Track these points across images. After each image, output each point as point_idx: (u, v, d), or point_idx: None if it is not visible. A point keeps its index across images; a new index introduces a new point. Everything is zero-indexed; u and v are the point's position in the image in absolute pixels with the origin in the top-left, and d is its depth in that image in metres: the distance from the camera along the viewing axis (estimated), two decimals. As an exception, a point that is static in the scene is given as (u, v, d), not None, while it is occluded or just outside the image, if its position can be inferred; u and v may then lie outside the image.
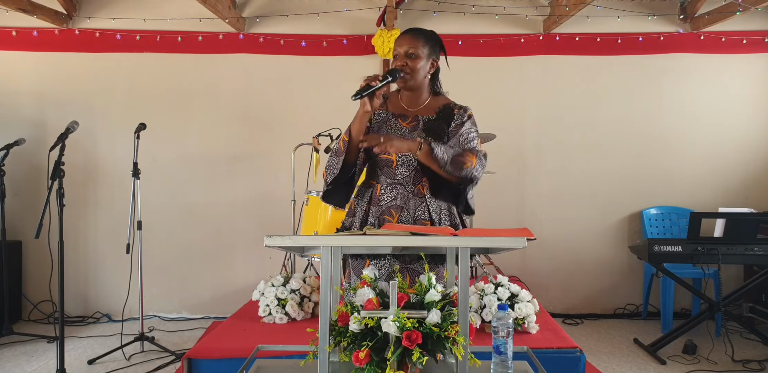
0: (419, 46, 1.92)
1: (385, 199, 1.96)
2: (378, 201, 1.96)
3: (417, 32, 1.98)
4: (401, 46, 1.93)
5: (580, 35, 4.39)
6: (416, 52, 1.92)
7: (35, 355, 3.48)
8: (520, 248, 1.39)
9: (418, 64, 1.92)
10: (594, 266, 4.48)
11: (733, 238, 3.37)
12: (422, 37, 1.95)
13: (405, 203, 1.94)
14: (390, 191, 1.96)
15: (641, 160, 4.44)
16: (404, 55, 1.92)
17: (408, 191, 1.95)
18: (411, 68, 1.92)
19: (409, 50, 1.92)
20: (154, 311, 4.41)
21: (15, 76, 4.38)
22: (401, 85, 1.97)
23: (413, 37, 1.95)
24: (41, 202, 2.88)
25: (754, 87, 4.42)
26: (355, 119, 1.91)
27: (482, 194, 4.21)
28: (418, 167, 1.94)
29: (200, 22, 4.27)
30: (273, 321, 3.13)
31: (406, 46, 1.92)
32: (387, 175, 1.97)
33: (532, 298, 2.96)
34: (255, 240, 4.38)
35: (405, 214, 1.93)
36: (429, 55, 1.95)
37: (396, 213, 1.93)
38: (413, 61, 1.92)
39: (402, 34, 1.98)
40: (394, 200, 1.95)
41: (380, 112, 2.02)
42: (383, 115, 2.01)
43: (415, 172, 1.95)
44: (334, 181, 1.97)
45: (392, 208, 1.94)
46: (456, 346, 1.33)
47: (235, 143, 4.42)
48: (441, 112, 1.97)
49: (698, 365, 3.28)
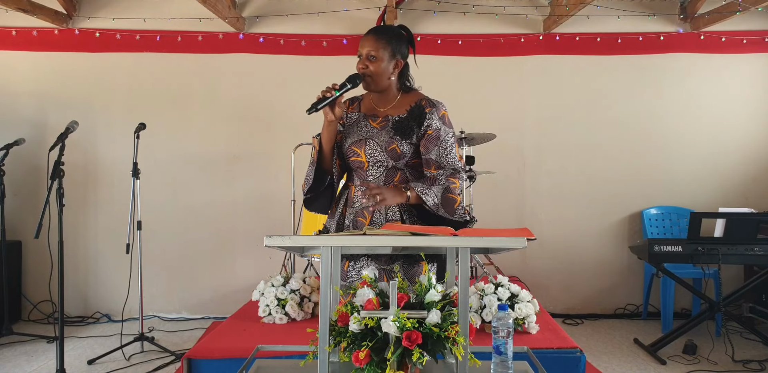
0: (380, 48, 1.89)
1: (359, 200, 1.96)
2: (352, 203, 1.97)
3: (380, 32, 1.93)
4: (363, 47, 1.91)
5: (580, 35, 4.39)
6: (377, 54, 1.88)
7: (35, 355, 3.48)
8: (520, 248, 1.38)
9: (380, 66, 1.89)
10: (594, 266, 4.48)
11: (733, 238, 3.37)
12: (384, 37, 1.91)
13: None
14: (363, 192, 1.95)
15: (641, 160, 4.44)
16: (365, 57, 1.90)
17: None
18: (372, 71, 1.89)
19: (370, 52, 1.89)
20: (154, 311, 4.41)
21: (15, 76, 4.38)
22: (366, 88, 1.96)
23: (375, 37, 1.91)
24: (41, 202, 2.88)
25: (754, 87, 4.42)
26: (322, 129, 1.93)
27: (482, 193, 4.25)
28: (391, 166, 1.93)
29: (200, 21, 4.27)
30: (273, 321, 3.13)
31: (367, 47, 1.90)
32: (360, 177, 1.97)
33: (532, 298, 2.95)
34: (255, 240, 4.38)
35: (377, 215, 1.92)
36: (392, 56, 1.92)
37: (368, 214, 1.92)
38: (374, 64, 1.89)
39: (366, 33, 1.94)
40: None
41: (353, 114, 2.03)
42: (355, 116, 2.02)
43: (387, 172, 1.94)
44: (309, 190, 1.99)
45: (365, 209, 1.93)
46: (456, 346, 1.33)
47: (235, 143, 4.42)
48: (412, 110, 1.93)
49: (698, 366, 3.28)
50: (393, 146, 1.90)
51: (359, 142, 1.94)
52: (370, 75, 1.90)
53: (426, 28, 4.43)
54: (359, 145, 1.94)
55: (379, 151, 1.92)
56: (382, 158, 1.92)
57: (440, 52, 4.40)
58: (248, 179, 4.44)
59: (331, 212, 2.07)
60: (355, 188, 1.98)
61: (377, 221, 1.92)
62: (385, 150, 1.91)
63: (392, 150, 1.90)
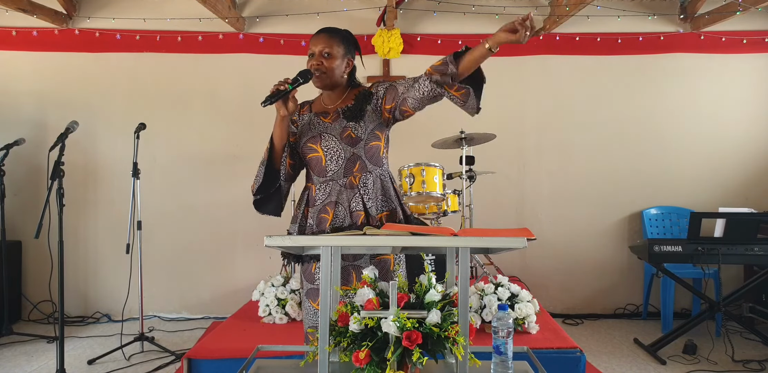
0: (334, 46, 1.93)
1: (320, 198, 1.95)
2: (314, 201, 1.96)
3: (332, 32, 1.97)
4: (316, 45, 1.94)
5: (580, 35, 4.39)
6: (331, 51, 1.93)
7: (35, 355, 3.48)
8: (520, 248, 1.38)
9: (334, 63, 1.93)
10: (594, 266, 4.48)
11: (733, 238, 3.37)
12: (338, 37, 1.96)
13: (339, 197, 1.93)
14: (324, 189, 1.95)
15: (641, 160, 4.44)
16: (319, 54, 1.93)
17: (340, 185, 1.94)
18: (326, 67, 1.92)
19: (324, 49, 1.93)
20: (154, 311, 4.41)
21: (15, 76, 4.38)
22: (318, 84, 1.97)
23: (328, 36, 1.95)
24: (41, 202, 2.88)
25: (754, 87, 4.42)
26: (274, 126, 1.93)
27: (482, 193, 4.25)
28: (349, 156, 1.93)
29: (200, 22, 4.27)
30: (273, 321, 3.13)
31: (321, 45, 1.93)
32: (319, 174, 1.97)
33: (532, 298, 2.95)
34: (255, 240, 4.38)
35: (339, 208, 1.92)
36: (344, 55, 1.97)
37: (331, 209, 1.92)
38: (328, 61, 1.93)
39: (317, 33, 1.97)
40: (328, 197, 1.94)
41: (305, 116, 2.04)
42: (307, 117, 2.03)
43: (346, 163, 1.94)
44: (258, 190, 1.98)
45: (327, 205, 1.93)
46: (456, 346, 1.33)
47: (234, 143, 4.42)
48: (357, 97, 1.98)
49: (698, 365, 3.28)
50: (347, 132, 1.92)
51: (314, 138, 1.96)
52: (324, 72, 1.93)
53: (426, 28, 4.43)
54: (315, 141, 1.96)
55: (335, 141, 1.93)
56: (338, 147, 1.93)
57: (440, 52, 4.39)
58: (248, 179, 4.35)
59: (293, 215, 2.05)
60: (315, 187, 1.97)
61: (340, 214, 1.91)
62: (340, 138, 1.93)
63: (347, 136, 1.92)
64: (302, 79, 1.88)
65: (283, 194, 2.07)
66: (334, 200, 1.93)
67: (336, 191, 1.94)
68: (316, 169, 1.97)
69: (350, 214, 1.91)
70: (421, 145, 3.93)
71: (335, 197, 1.93)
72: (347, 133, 1.92)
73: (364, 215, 1.91)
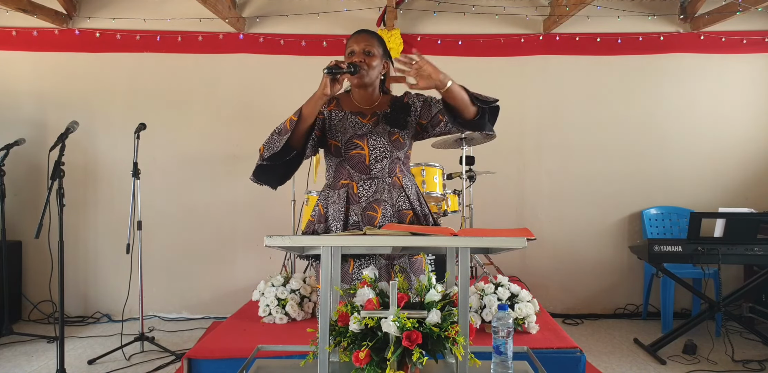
0: (375, 45, 1.99)
1: (365, 195, 1.96)
2: (358, 199, 1.96)
3: (372, 33, 2.03)
4: (358, 43, 1.97)
5: (580, 35, 4.39)
6: (372, 50, 1.97)
7: (35, 355, 3.48)
8: (520, 248, 1.38)
9: (374, 61, 1.97)
10: (594, 266, 4.48)
11: (733, 238, 3.37)
12: (377, 38, 2.02)
13: (386, 196, 1.95)
14: (368, 187, 1.96)
15: (641, 160, 4.44)
16: (361, 52, 1.96)
17: (386, 184, 1.97)
18: (368, 65, 1.95)
19: (366, 48, 1.96)
20: (154, 311, 4.41)
21: (15, 76, 4.38)
22: (356, 82, 1.98)
23: (370, 35, 2.01)
24: (41, 202, 2.88)
25: (754, 87, 4.42)
26: (309, 101, 1.85)
27: (482, 193, 4.25)
28: (393, 159, 1.98)
29: (200, 22, 4.27)
30: (273, 321, 3.13)
31: (363, 43, 1.97)
32: (361, 172, 1.97)
33: (532, 298, 2.95)
34: (255, 240, 4.38)
35: (386, 207, 1.94)
36: (382, 56, 2.01)
37: (378, 207, 1.93)
38: (370, 59, 1.96)
39: (357, 33, 2.02)
40: (374, 195, 1.95)
41: (337, 112, 2.03)
42: (341, 114, 2.03)
43: (390, 164, 1.98)
44: (271, 157, 1.89)
45: (374, 203, 1.94)
46: (456, 346, 1.33)
47: (235, 143, 4.42)
48: (393, 105, 2.02)
49: (698, 365, 3.28)
50: (396, 136, 1.99)
51: (360, 136, 1.98)
52: (365, 69, 1.95)
53: (426, 28, 4.43)
54: (360, 139, 1.98)
55: (384, 142, 1.97)
56: (386, 148, 1.97)
57: (440, 52, 4.40)
58: (248, 179, 4.43)
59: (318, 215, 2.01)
60: (357, 184, 1.97)
61: (387, 213, 1.93)
62: (389, 140, 1.98)
63: (396, 140, 1.99)
64: (353, 70, 1.87)
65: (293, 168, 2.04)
66: (381, 198, 1.95)
67: (382, 190, 1.96)
68: (358, 167, 1.98)
69: (397, 212, 1.95)
70: (422, 145, 3.90)
71: (382, 195, 1.95)
72: (395, 137, 1.98)
73: (412, 214, 1.96)
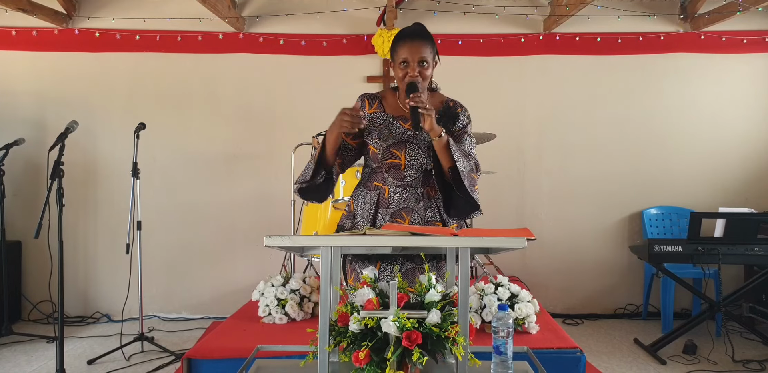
0: (429, 52, 1.87)
1: (395, 201, 1.93)
2: (387, 204, 1.93)
3: (423, 36, 1.89)
4: (412, 53, 1.85)
5: (580, 35, 4.39)
6: (427, 59, 1.86)
7: (35, 355, 3.48)
8: (520, 248, 1.38)
9: (429, 71, 1.88)
10: (594, 266, 4.47)
11: (734, 238, 3.37)
12: (429, 41, 1.89)
13: (415, 205, 1.93)
14: (399, 194, 1.93)
15: (641, 160, 4.44)
16: (416, 63, 1.85)
17: (418, 193, 1.94)
18: (424, 77, 1.87)
19: (423, 58, 1.85)
20: (153, 311, 4.41)
21: (14, 75, 4.38)
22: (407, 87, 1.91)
23: (423, 42, 1.87)
24: (41, 202, 2.88)
25: (754, 87, 4.42)
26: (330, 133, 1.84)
27: (482, 193, 4.23)
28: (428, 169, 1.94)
29: (200, 21, 4.27)
30: (273, 321, 3.12)
31: (420, 54, 1.85)
32: (395, 178, 1.94)
33: (532, 298, 2.95)
34: (255, 240, 4.38)
35: (416, 216, 1.92)
36: (434, 58, 1.92)
37: (407, 215, 1.91)
38: (426, 70, 1.86)
39: (407, 38, 1.88)
40: (404, 203, 1.92)
41: (379, 115, 1.97)
42: (383, 118, 1.96)
43: (424, 175, 1.94)
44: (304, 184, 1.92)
45: (403, 210, 1.92)
46: (456, 346, 1.33)
47: (235, 143, 4.42)
48: (444, 111, 1.97)
49: (698, 366, 3.28)
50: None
51: (399, 145, 1.92)
52: (420, 82, 1.85)
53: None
54: (399, 148, 1.92)
55: (421, 154, 1.92)
56: (422, 161, 1.92)
57: (440, 52, 4.36)
58: (248, 179, 4.44)
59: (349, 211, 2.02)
60: (389, 189, 1.94)
61: (416, 223, 1.91)
62: (426, 152, 1.92)
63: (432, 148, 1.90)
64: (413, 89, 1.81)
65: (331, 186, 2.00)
66: (411, 207, 1.92)
67: (413, 198, 1.93)
68: (392, 173, 1.94)
69: (426, 222, 1.92)
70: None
71: (412, 204, 1.92)
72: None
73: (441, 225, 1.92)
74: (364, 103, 2.00)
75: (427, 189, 1.95)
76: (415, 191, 1.94)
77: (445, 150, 1.83)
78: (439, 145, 1.83)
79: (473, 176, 1.89)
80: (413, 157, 1.92)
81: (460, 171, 1.80)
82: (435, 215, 1.94)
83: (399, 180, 1.94)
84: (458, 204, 1.92)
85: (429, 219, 1.93)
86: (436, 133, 1.80)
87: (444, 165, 1.87)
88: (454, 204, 1.94)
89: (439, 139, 1.81)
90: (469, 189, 1.83)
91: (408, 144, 1.92)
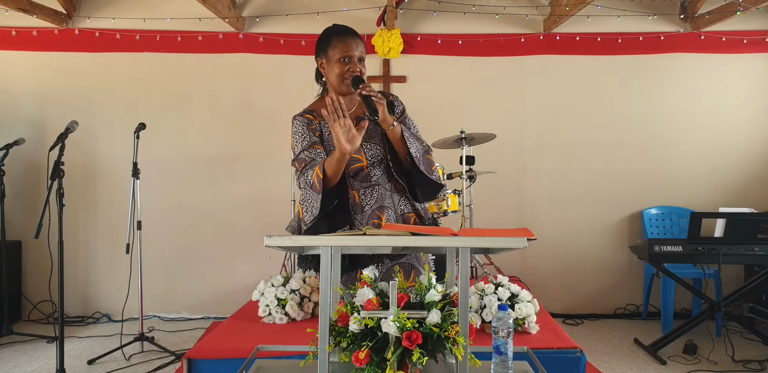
0: (364, 50, 1.90)
1: (368, 203, 1.91)
2: (361, 208, 1.91)
3: (357, 34, 1.91)
4: (354, 49, 1.85)
5: (580, 35, 4.39)
6: (364, 56, 1.89)
7: (35, 355, 3.48)
8: (520, 248, 1.38)
9: (365, 67, 1.90)
10: (594, 266, 4.47)
11: (734, 238, 3.37)
12: (361, 39, 1.91)
13: (388, 202, 1.93)
14: (370, 195, 1.91)
15: (641, 160, 4.44)
16: (357, 59, 1.86)
17: (386, 189, 1.94)
18: (362, 74, 1.87)
19: (362, 54, 1.88)
20: (153, 311, 4.41)
21: (15, 75, 4.38)
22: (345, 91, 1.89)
23: (359, 39, 1.89)
24: (41, 202, 2.88)
25: (754, 87, 4.42)
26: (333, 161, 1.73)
27: (482, 193, 4.25)
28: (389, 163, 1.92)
29: (200, 21, 4.27)
30: (273, 321, 3.12)
31: (359, 50, 1.87)
32: (361, 180, 1.92)
33: (532, 298, 2.95)
34: (255, 240, 4.38)
35: (389, 212, 1.92)
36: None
37: (382, 214, 1.90)
38: (363, 66, 1.88)
39: (348, 35, 1.88)
40: (377, 202, 1.91)
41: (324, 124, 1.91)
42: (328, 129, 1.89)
43: (387, 169, 1.94)
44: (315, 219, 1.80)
45: (377, 210, 1.91)
46: (456, 346, 1.33)
47: (235, 143, 4.42)
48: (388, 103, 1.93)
49: (698, 366, 3.28)
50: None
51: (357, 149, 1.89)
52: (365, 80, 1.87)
53: (426, 28, 4.43)
54: (358, 151, 1.87)
55: (378, 149, 1.92)
56: (382, 155, 1.92)
57: (440, 52, 4.40)
58: (248, 179, 4.44)
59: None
60: (358, 193, 1.92)
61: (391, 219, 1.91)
62: (382, 145, 1.92)
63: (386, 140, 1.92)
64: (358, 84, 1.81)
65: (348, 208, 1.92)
66: (384, 205, 1.91)
67: (383, 196, 1.92)
68: (359, 176, 1.91)
69: (401, 217, 1.92)
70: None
71: (385, 202, 1.92)
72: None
73: (416, 217, 1.93)
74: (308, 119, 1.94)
75: (393, 183, 1.95)
76: (384, 187, 1.93)
77: (400, 138, 1.85)
78: (394, 134, 1.84)
79: (429, 158, 1.90)
80: (374, 155, 1.91)
81: (414, 156, 1.83)
82: (408, 207, 1.95)
83: (365, 181, 1.92)
84: (422, 187, 1.93)
85: (402, 212, 1.93)
86: (389, 123, 1.82)
87: (401, 153, 1.89)
88: (418, 188, 1.94)
89: (392, 129, 1.83)
90: (426, 172, 1.87)
91: (363, 144, 1.89)
